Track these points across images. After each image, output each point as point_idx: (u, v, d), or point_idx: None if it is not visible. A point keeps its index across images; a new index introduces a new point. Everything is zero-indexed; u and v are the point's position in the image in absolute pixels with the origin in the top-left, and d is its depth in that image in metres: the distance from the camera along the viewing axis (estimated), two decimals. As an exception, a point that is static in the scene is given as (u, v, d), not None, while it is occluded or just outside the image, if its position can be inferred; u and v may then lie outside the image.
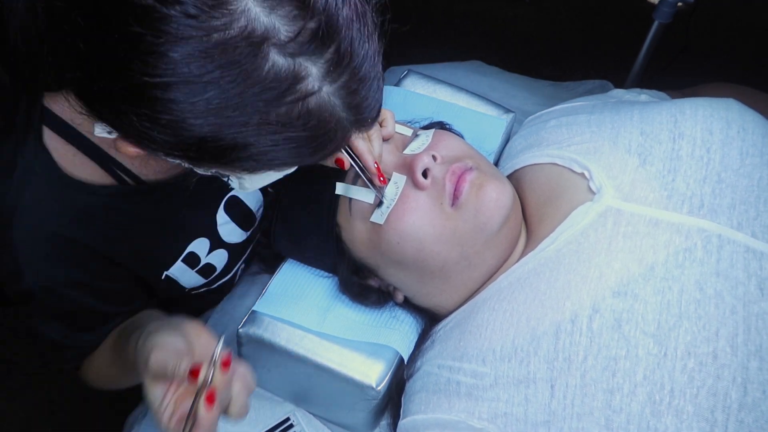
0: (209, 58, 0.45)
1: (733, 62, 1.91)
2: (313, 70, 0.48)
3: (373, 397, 0.76)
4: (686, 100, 0.78)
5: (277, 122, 0.48)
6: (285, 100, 0.48)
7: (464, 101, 1.02)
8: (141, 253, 0.76)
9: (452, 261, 0.74)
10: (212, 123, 0.47)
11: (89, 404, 1.57)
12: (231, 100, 0.46)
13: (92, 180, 0.69)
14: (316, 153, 0.53)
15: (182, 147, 0.50)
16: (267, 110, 0.48)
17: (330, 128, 0.51)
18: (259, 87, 0.46)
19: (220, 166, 0.54)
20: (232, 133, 0.48)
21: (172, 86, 0.45)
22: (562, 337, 0.64)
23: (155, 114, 0.47)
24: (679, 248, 0.66)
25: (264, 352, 0.80)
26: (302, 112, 0.49)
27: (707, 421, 0.59)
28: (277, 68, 0.46)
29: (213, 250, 0.84)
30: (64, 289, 0.72)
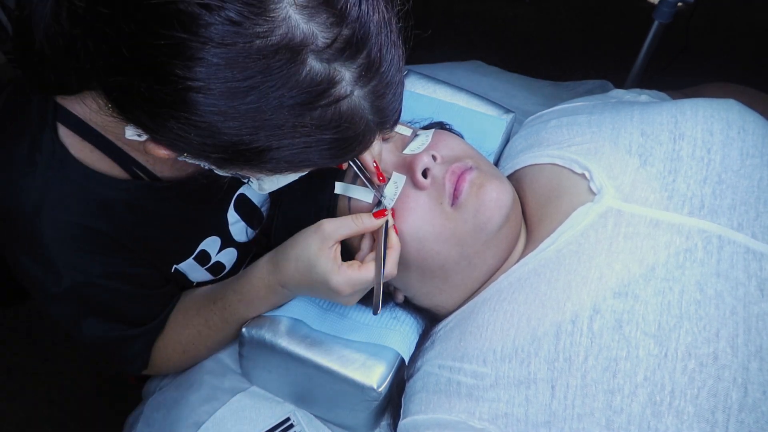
0: (251, 64, 0.46)
1: (733, 62, 1.91)
2: (346, 74, 0.50)
3: (374, 398, 0.76)
4: (686, 100, 0.78)
5: (311, 125, 0.50)
6: (320, 104, 0.49)
7: (464, 101, 1.02)
8: (155, 246, 0.77)
9: (452, 261, 0.74)
10: (249, 126, 0.49)
11: (89, 404, 1.58)
12: (269, 104, 0.48)
13: (110, 173, 0.70)
14: (345, 154, 0.55)
15: (217, 150, 0.51)
16: (302, 113, 0.49)
17: (360, 131, 0.53)
18: (297, 91, 0.48)
19: (249, 168, 0.55)
20: (267, 136, 0.50)
21: (213, 91, 0.47)
22: (562, 338, 0.64)
23: (194, 117, 0.48)
24: (679, 249, 0.66)
25: (265, 352, 0.80)
26: (335, 115, 0.51)
27: (708, 422, 0.59)
28: (314, 73, 0.48)
29: (223, 249, 0.86)
30: (102, 280, 0.74)
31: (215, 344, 0.86)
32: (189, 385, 0.88)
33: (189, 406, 0.85)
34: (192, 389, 0.87)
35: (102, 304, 0.77)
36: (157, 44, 0.46)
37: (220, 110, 0.48)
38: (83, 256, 0.71)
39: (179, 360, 0.87)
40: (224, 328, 0.82)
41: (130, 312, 0.80)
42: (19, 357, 1.64)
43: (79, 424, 1.55)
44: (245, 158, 0.53)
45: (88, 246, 0.71)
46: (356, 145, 0.55)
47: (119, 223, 0.72)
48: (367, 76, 0.51)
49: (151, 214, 0.75)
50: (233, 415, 0.83)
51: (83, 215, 0.69)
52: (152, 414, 0.89)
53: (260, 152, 0.51)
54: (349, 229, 0.70)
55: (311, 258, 0.70)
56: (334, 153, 0.54)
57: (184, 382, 0.89)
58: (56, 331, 1.66)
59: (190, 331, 0.84)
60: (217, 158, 0.54)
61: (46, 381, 1.61)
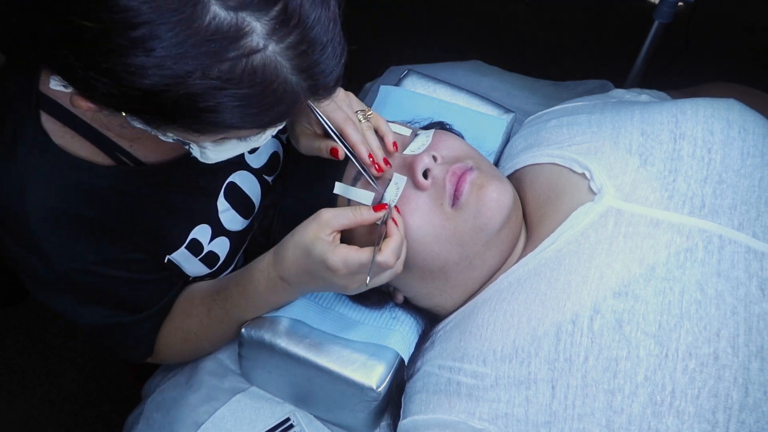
0: (147, 4, 0.45)
1: (733, 62, 1.91)
2: (257, 26, 0.48)
3: (373, 399, 0.76)
4: (687, 100, 0.78)
5: (219, 77, 0.49)
6: (228, 56, 0.48)
7: (464, 101, 1.01)
8: (145, 233, 0.77)
9: (452, 261, 0.74)
10: (155, 74, 0.47)
11: (89, 404, 1.58)
12: (170, 50, 0.46)
13: (93, 159, 0.70)
14: (264, 114, 0.53)
15: (127, 99, 0.50)
16: (209, 64, 0.48)
17: (276, 88, 0.52)
18: (200, 38, 0.47)
19: (173, 127, 0.55)
20: (175, 86, 0.48)
21: (110, 32, 0.46)
22: (562, 338, 0.64)
23: (95, 61, 0.48)
24: (680, 249, 0.66)
25: (264, 353, 0.80)
26: (246, 69, 0.49)
27: (708, 422, 0.59)
28: (218, 21, 0.47)
29: (215, 238, 0.85)
30: (96, 266, 0.73)
31: (216, 337, 0.85)
32: (189, 385, 0.88)
33: (189, 406, 0.85)
34: (192, 389, 0.87)
35: (98, 291, 0.76)
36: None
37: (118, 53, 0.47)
38: (73, 243, 0.71)
39: (181, 349, 0.86)
40: (225, 320, 0.81)
41: (129, 298, 0.79)
42: (19, 357, 1.64)
43: (79, 424, 1.55)
44: (159, 112, 0.51)
45: (76, 232, 0.70)
46: (276, 105, 0.53)
47: (106, 209, 0.72)
48: (283, 31, 0.49)
49: (137, 200, 0.74)
50: (233, 416, 0.83)
51: (68, 201, 0.69)
52: (152, 414, 0.88)
53: (171, 106, 0.50)
54: (347, 219, 0.70)
55: (308, 243, 0.69)
56: (252, 112, 0.52)
57: (183, 382, 0.89)
58: (56, 330, 1.66)
59: (192, 320, 0.83)
60: (132, 110, 0.52)
61: (46, 381, 1.60)
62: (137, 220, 0.75)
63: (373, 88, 1.19)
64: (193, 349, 0.87)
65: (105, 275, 0.75)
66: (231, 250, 0.88)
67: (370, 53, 1.20)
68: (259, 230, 0.91)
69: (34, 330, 1.67)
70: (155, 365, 0.98)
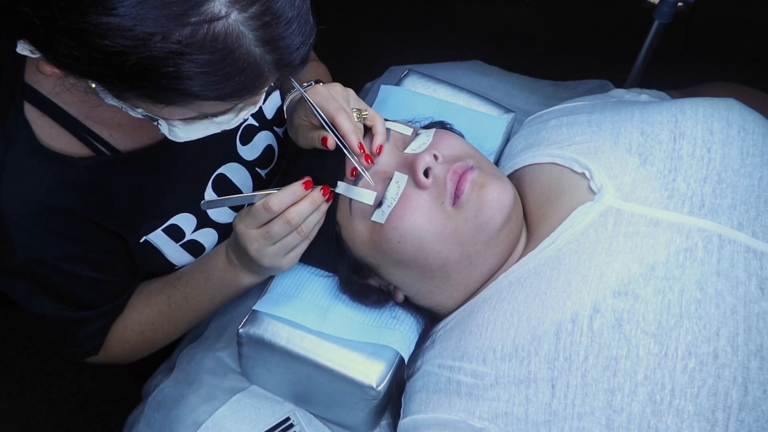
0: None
1: (733, 62, 1.91)
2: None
3: (373, 397, 0.76)
4: (687, 99, 0.78)
5: (180, 42, 0.49)
6: (189, 20, 0.49)
7: (464, 101, 1.02)
8: (120, 216, 0.77)
9: (453, 260, 0.74)
10: (114, 34, 0.48)
11: (89, 404, 1.58)
12: (131, 10, 0.47)
13: (70, 151, 0.71)
14: (226, 83, 0.54)
15: (90, 62, 0.51)
16: (170, 27, 0.48)
17: (238, 57, 0.52)
18: (162, 1, 0.47)
19: (137, 96, 0.55)
20: (136, 49, 0.49)
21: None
22: (562, 337, 0.64)
23: (55, 17, 0.48)
24: (679, 248, 0.66)
25: (264, 352, 0.80)
26: (208, 36, 0.50)
27: (708, 421, 0.59)
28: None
29: (201, 228, 0.85)
30: (58, 262, 0.74)
31: (172, 327, 0.85)
32: (189, 385, 0.88)
33: (189, 406, 0.85)
34: (192, 389, 0.87)
35: (54, 286, 0.76)
36: None
37: (78, 15, 0.47)
38: (40, 235, 0.71)
39: (136, 342, 0.86)
40: (183, 307, 0.82)
41: (85, 297, 0.80)
42: (19, 357, 1.64)
43: (79, 424, 1.55)
44: (122, 77, 0.52)
45: (46, 224, 0.71)
46: (238, 75, 0.53)
47: (84, 199, 0.72)
48: (246, 0, 0.50)
49: (116, 186, 0.75)
50: (233, 415, 0.83)
51: (44, 193, 0.70)
52: (152, 414, 0.89)
53: (134, 71, 0.50)
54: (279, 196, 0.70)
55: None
56: (214, 80, 0.52)
57: (183, 381, 0.89)
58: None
59: (150, 309, 0.84)
60: (95, 75, 0.53)
61: (46, 381, 1.61)
62: (116, 205, 0.76)
63: (373, 88, 1.19)
64: (147, 342, 0.87)
65: (66, 271, 0.75)
66: (220, 242, 0.88)
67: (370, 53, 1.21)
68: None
69: (34, 330, 1.67)
70: (155, 365, 0.98)
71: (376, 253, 0.77)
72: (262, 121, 0.90)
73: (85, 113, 0.71)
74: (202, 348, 0.91)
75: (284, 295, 0.83)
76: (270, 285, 0.84)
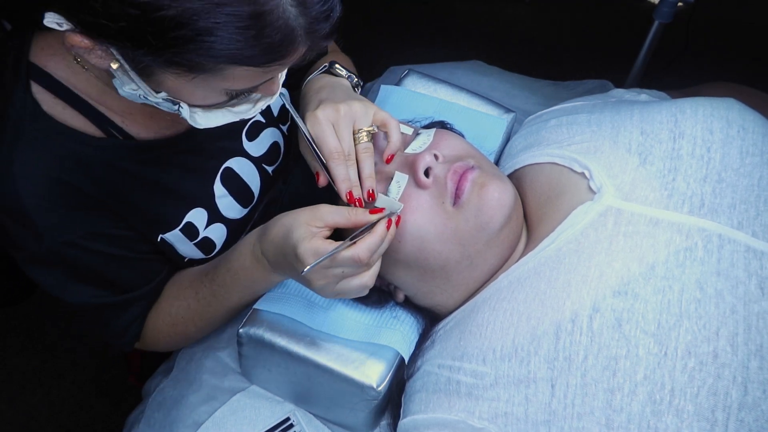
0: None
1: (733, 62, 1.91)
2: None
3: (373, 398, 0.76)
4: (686, 99, 0.78)
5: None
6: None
7: (465, 101, 1.02)
8: (138, 211, 0.77)
9: (453, 260, 0.74)
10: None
11: (89, 405, 1.58)
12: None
13: (84, 130, 0.70)
14: (260, 41, 0.54)
15: (126, 18, 0.51)
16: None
17: (275, 15, 0.53)
18: None
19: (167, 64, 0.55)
20: (178, 2, 0.49)
21: None
22: (562, 337, 0.64)
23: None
24: (679, 248, 0.66)
25: (264, 352, 0.80)
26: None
27: (708, 421, 0.59)
28: None
29: (211, 224, 0.85)
30: (85, 241, 0.73)
31: (202, 323, 0.84)
32: (189, 385, 0.88)
33: (189, 406, 0.85)
34: (192, 389, 0.87)
35: (86, 268, 0.76)
36: None
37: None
38: (62, 213, 0.71)
39: (168, 334, 0.86)
40: (212, 303, 0.81)
41: (118, 277, 0.79)
42: (19, 357, 1.64)
43: (79, 425, 1.55)
44: (156, 34, 0.52)
45: (65, 201, 0.70)
46: (275, 36, 0.54)
47: (97, 181, 0.72)
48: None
49: (130, 176, 0.74)
50: (233, 415, 0.83)
51: (57, 169, 0.69)
52: (152, 414, 0.89)
53: (170, 24, 0.50)
54: (342, 217, 0.68)
55: (293, 225, 0.67)
56: (249, 35, 0.53)
57: (183, 381, 0.89)
58: (56, 331, 1.66)
59: (180, 303, 0.83)
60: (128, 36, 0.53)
61: (46, 381, 1.60)
62: (130, 196, 0.75)
63: (373, 88, 1.19)
64: (180, 334, 0.86)
65: (95, 251, 0.74)
66: (228, 239, 0.87)
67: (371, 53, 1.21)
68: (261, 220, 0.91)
69: (34, 330, 1.67)
70: (155, 365, 0.98)
71: (377, 253, 0.77)
72: (269, 117, 0.90)
73: (97, 99, 0.71)
74: (202, 348, 0.91)
75: (285, 295, 0.83)
76: (270, 285, 0.84)
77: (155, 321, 0.85)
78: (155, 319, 0.85)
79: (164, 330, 0.85)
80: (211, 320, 0.84)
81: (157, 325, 0.85)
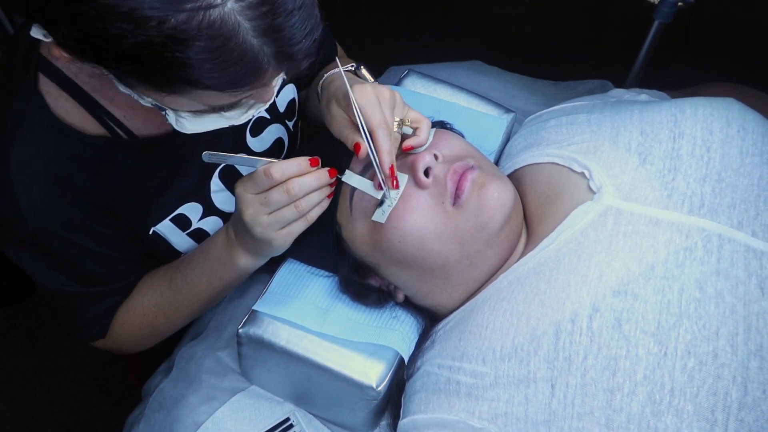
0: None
1: (733, 62, 1.91)
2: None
3: (373, 398, 0.76)
4: (686, 99, 0.78)
5: (176, 27, 0.50)
6: (185, 7, 0.49)
7: (464, 101, 1.02)
8: (131, 202, 0.77)
9: (453, 260, 0.74)
10: (113, 18, 0.49)
11: (89, 404, 1.58)
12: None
13: (82, 127, 0.71)
14: (222, 73, 0.54)
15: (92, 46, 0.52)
16: (166, 13, 0.49)
17: (233, 47, 0.52)
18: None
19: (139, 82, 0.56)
20: (134, 33, 0.49)
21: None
22: (562, 337, 0.64)
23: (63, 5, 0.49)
24: (679, 247, 0.66)
25: (264, 352, 0.80)
26: (203, 23, 0.50)
27: (707, 421, 0.59)
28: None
29: (206, 216, 0.85)
30: (67, 232, 0.74)
31: (173, 312, 0.84)
32: (189, 385, 0.88)
33: (189, 406, 0.85)
34: (192, 389, 0.87)
35: (64, 258, 0.76)
36: None
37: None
38: (50, 203, 0.71)
39: (139, 327, 0.85)
40: (183, 289, 0.81)
41: (93, 272, 0.79)
42: (19, 357, 1.64)
43: (79, 424, 1.55)
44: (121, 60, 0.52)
45: (56, 193, 0.71)
46: (233, 65, 0.53)
47: (92, 177, 0.72)
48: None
49: (125, 169, 0.75)
50: (233, 415, 0.83)
51: (54, 163, 0.70)
52: (152, 414, 0.89)
53: (133, 53, 0.51)
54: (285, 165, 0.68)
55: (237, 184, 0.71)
56: (210, 68, 0.53)
57: (183, 381, 0.89)
58: (56, 331, 1.66)
59: (153, 292, 0.83)
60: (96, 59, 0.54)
61: (46, 381, 1.61)
62: (123, 188, 0.76)
63: (373, 88, 1.19)
64: (149, 326, 0.86)
65: (74, 243, 0.75)
66: None
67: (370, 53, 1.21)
68: None
69: (34, 330, 1.67)
70: (155, 365, 0.98)
71: (377, 252, 0.77)
72: (275, 114, 0.90)
73: (102, 92, 0.71)
74: (202, 347, 0.91)
75: (284, 295, 0.83)
76: (270, 285, 0.84)
77: (126, 314, 0.85)
78: (126, 312, 0.85)
79: (135, 322, 0.85)
80: (180, 310, 0.84)
81: (128, 317, 0.85)
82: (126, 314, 0.85)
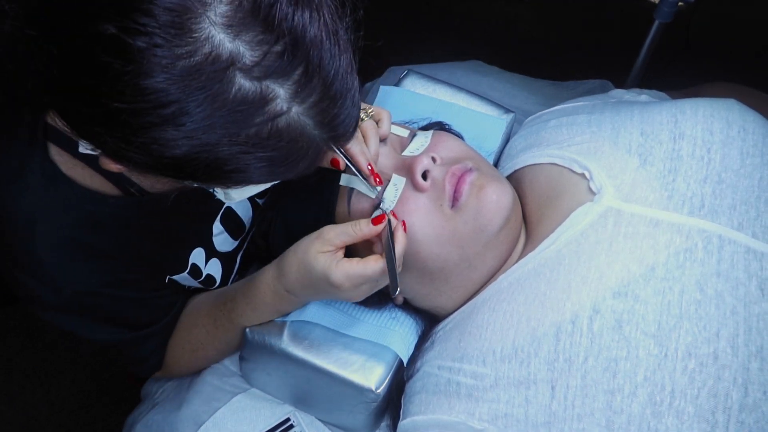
0: (176, 85, 0.45)
1: (733, 62, 1.91)
2: (280, 91, 0.49)
3: (372, 400, 0.76)
4: (687, 100, 0.78)
5: (246, 142, 0.49)
6: (254, 121, 0.49)
7: (464, 101, 1.01)
8: (147, 260, 0.78)
9: (452, 262, 0.74)
10: (185, 144, 0.48)
11: (89, 405, 1.58)
12: (200, 123, 0.47)
13: (100, 189, 0.71)
14: (289, 171, 0.54)
15: (159, 167, 0.51)
16: (237, 131, 0.49)
17: (301, 146, 0.52)
18: (227, 110, 0.47)
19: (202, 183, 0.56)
20: (205, 153, 0.49)
21: (141, 112, 0.46)
22: (562, 338, 0.64)
23: (128, 137, 0.48)
24: (679, 249, 0.65)
25: (264, 355, 0.80)
26: (272, 132, 0.50)
27: (708, 422, 0.59)
28: (243, 91, 0.47)
29: (209, 260, 0.86)
30: (102, 288, 0.74)
31: (224, 345, 0.86)
32: (189, 385, 0.88)
33: (189, 407, 0.85)
34: (192, 389, 0.87)
35: (105, 311, 0.77)
36: (82, 66, 0.46)
37: (150, 131, 0.47)
38: (79, 267, 0.71)
39: (189, 359, 0.87)
40: (231, 328, 0.82)
41: (135, 316, 0.81)
42: (19, 357, 1.64)
43: (79, 424, 1.55)
44: (189, 175, 0.52)
45: (82, 257, 0.71)
46: (300, 161, 0.54)
47: (109, 238, 0.73)
48: (306, 92, 0.50)
49: (140, 228, 0.75)
50: (233, 416, 0.84)
51: (74, 229, 0.70)
52: (153, 414, 0.89)
53: (202, 169, 0.51)
54: (348, 236, 0.69)
55: (310, 260, 0.69)
56: (278, 170, 0.53)
57: (184, 382, 0.90)
58: (56, 331, 1.66)
59: (198, 330, 0.84)
60: (161, 172, 0.53)
61: (46, 381, 1.60)
62: (139, 247, 0.76)
63: (372, 88, 1.19)
64: (201, 358, 0.87)
65: (111, 296, 0.76)
66: (224, 272, 0.89)
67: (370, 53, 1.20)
68: (258, 233, 0.92)
69: (34, 330, 1.67)
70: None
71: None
72: None
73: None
74: (202, 349, 0.91)
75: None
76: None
77: (174, 349, 0.86)
78: (174, 347, 0.86)
79: (185, 356, 0.86)
80: (231, 342, 0.85)
81: (176, 353, 0.86)
82: (174, 349, 0.86)
